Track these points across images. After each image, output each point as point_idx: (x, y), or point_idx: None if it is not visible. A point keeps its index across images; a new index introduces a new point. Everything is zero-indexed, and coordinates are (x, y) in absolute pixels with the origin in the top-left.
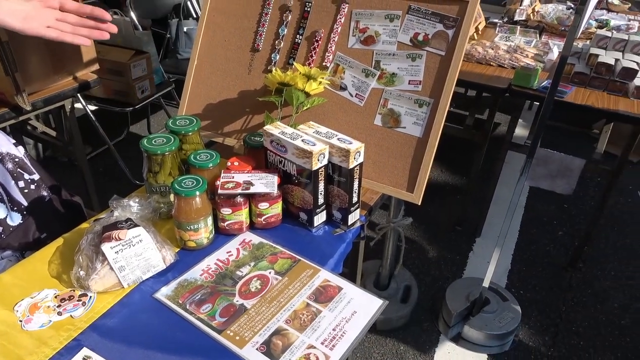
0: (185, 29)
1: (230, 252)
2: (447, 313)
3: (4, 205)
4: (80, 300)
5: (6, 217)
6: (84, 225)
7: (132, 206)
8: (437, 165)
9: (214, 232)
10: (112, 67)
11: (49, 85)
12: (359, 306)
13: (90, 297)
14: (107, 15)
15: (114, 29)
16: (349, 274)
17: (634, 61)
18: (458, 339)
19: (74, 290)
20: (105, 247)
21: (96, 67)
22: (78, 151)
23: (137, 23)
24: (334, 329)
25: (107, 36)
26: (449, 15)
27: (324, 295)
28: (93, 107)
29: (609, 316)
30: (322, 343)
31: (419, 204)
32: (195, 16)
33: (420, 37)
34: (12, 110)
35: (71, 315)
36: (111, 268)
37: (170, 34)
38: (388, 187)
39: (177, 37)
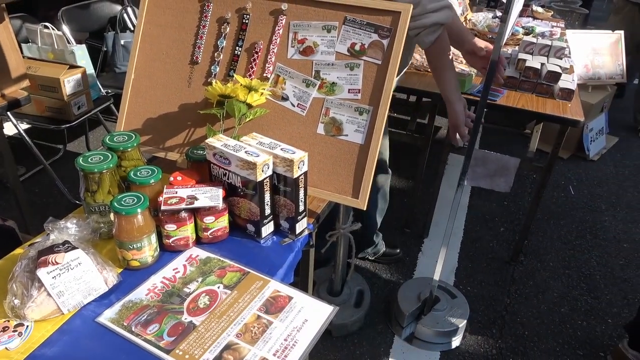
0: (122, 42)
1: (176, 269)
2: (400, 314)
3: None
4: (16, 331)
5: None
6: (18, 250)
7: (70, 228)
8: None
9: (158, 249)
10: (44, 82)
11: None
12: (310, 314)
13: (27, 326)
14: None
15: None
16: (300, 282)
17: (558, 65)
18: (411, 339)
19: (8, 321)
20: (42, 273)
21: (26, 83)
22: (10, 172)
23: (70, 37)
24: (285, 339)
25: None
26: (383, 25)
27: (274, 306)
28: (26, 126)
29: (549, 305)
30: (275, 354)
31: (364, 209)
32: (132, 29)
33: (357, 47)
34: None
35: (6, 347)
36: (49, 294)
37: (107, 47)
38: (334, 194)
39: (114, 50)
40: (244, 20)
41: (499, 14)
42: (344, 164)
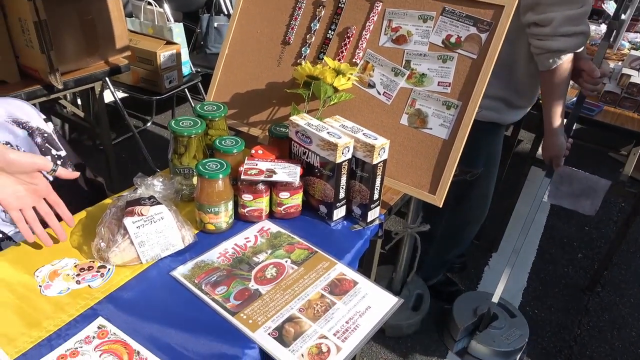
0: (215, 24)
1: (248, 238)
2: (454, 326)
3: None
4: (99, 272)
5: None
6: (107, 200)
7: (156, 185)
8: None
9: (233, 217)
10: (143, 55)
11: (81, 67)
12: (374, 302)
13: (109, 269)
14: (63, 237)
15: (62, 238)
16: (363, 273)
17: None
18: (463, 354)
19: (93, 262)
20: (128, 221)
21: (127, 53)
22: (104, 134)
23: (170, 15)
24: (347, 322)
25: (50, 243)
26: (483, 19)
27: (339, 288)
28: (121, 95)
29: (625, 344)
30: (335, 334)
31: (440, 205)
32: (226, 12)
33: (452, 39)
34: (44, 88)
35: (89, 285)
36: (131, 242)
37: (201, 28)
38: (410, 187)
39: (207, 32)
40: (339, 4)
41: (603, 27)
42: (425, 157)
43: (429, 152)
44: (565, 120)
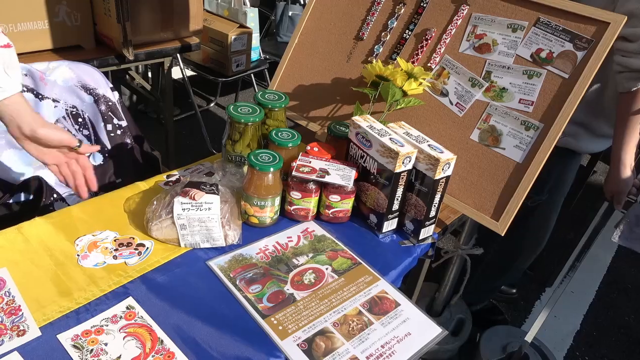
0: (290, 13)
1: (290, 237)
2: None
3: (90, 144)
4: (137, 250)
5: (90, 155)
6: (159, 177)
7: (234, 174)
8: None
9: (278, 213)
10: (214, 36)
11: (154, 40)
12: (415, 328)
13: (147, 248)
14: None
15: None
16: (405, 291)
17: None
18: None
19: (132, 238)
20: (176, 200)
21: (200, 32)
22: (167, 109)
23: None
24: (382, 346)
25: (85, 194)
26: (582, 35)
27: (379, 306)
28: (189, 73)
29: None
30: (368, 358)
31: (502, 234)
32: (302, 2)
33: (543, 54)
34: (116, 58)
35: (125, 262)
36: (173, 222)
37: (275, 15)
38: (471, 209)
39: (281, 20)
40: (421, 4)
41: None
42: (492, 179)
43: (498, 174)
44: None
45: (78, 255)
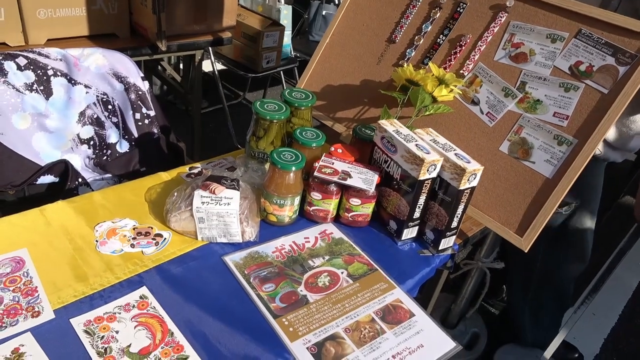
0: (324, 12)
1: (308, 238)
2: None
3: (118, 132)
4: (155, 240)
5: (117, 142)
6: (182, 169)
7: (255, 171)
8: None
9: (297, 213)
10: (247, 31)
11: (187, 33)
12: (428, 341)
13: (165, 239)
14: None
15: None
16: (420, 300)
17: None
18: None
19: (151, 228)
20: (197, 193)
21: (233, 27)
22: (195, 101)
23: None
24: (393, 356)
25: None
26: (626, 49)
27: (392, 315)
28: (219, 67)
29: None
30: None
31: (526, 250)
32: (337, 2)
33: (582, 67)
34: (149, 48)
35: (142, 251)
36: (192, 215)
37: (309, 14)
38: (495, 223)
39: (315, 18)
40: (458, 9)
41: None
42: (519, 193)
43: (526, 188)
44: None
45: (97, 241)
